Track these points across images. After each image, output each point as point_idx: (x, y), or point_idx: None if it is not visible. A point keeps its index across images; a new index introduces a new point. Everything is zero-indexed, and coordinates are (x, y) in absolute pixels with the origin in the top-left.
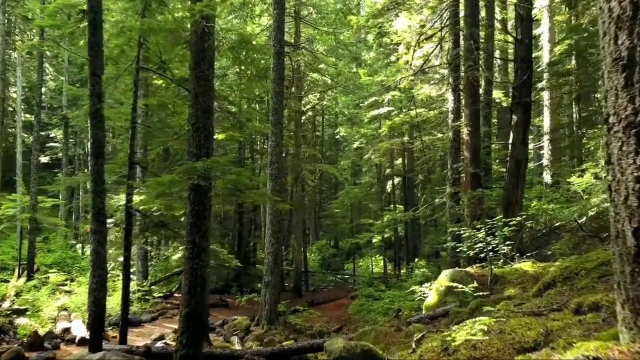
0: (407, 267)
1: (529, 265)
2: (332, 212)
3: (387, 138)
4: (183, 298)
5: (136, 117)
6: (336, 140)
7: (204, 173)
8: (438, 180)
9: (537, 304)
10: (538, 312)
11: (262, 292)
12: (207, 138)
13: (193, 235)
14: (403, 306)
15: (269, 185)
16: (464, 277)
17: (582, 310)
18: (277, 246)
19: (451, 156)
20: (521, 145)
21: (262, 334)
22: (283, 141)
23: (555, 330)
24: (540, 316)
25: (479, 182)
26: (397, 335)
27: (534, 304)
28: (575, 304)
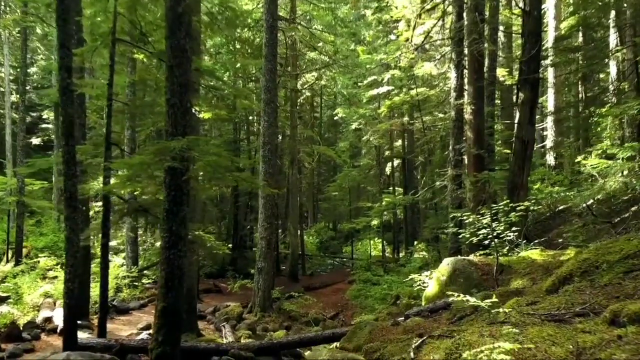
0: (406, 250)
1: (537, 253)
2: (329, 195)
3: (387, 119)
4: (159, 291)
5: (112, 94)
6: (335, 122)
7: (180, 154)
8: (439, 162)
9: (555, 304)
10: (559, 318)
11: (255, 279)
12: (183, 115)
13: (169, 222)
14: (401, 292)
15: (262, 167)
16: (466, 266)
17: (619, 320)
18: (271, 231)
19: (453, 137)
20: (528, 125)
21: (255, 322)
22: (278, 122)
23: (589, 349)
24: (564, 323)
25: (482, 164)
26: (394, 332)
27: (551, 303)
28: (610, 313)
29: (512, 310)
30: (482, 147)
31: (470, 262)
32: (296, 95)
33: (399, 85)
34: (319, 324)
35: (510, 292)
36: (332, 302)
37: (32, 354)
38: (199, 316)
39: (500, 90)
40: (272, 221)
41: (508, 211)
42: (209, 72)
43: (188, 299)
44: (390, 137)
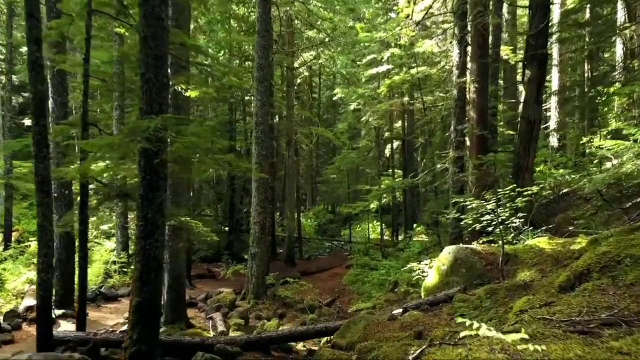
0: (406, 234)
1: (544, 241)
2: (327, 177)
3: (386, 99)
4: (133, 285)
5: (88, 70)
6: (334, 103)
7: (154, 134)
8: (439, 144)
9: (575, 307)
10: (584, 328)
11: (249, 264)
12: (160, 91)
13: (145, 209)
14: (400, 279)
15: (255, 149)
16: (469, 255)
17: None
18: (264, 215)
19: (455, 117)
20: (534, 104)
21: (249, 309)
22: (274, 102)
23: None
24: (591, 336)
25: (485, 146)
26: (390, 327)
27: (570, 306)
28: None
29: (524, 312)
30: (485, 128)
31: (473, 251)
32: (292, 74)
33: (398, 64)
34: (315, 311)
35: (517, 286)
36: (329, 287)
37: (11, 345)
38: (190, 304)
39: (504, 69)
40: (266, 205)
41: (514, 196)
42: (195, 47)
43: (176, 287)
44: (390, 118)
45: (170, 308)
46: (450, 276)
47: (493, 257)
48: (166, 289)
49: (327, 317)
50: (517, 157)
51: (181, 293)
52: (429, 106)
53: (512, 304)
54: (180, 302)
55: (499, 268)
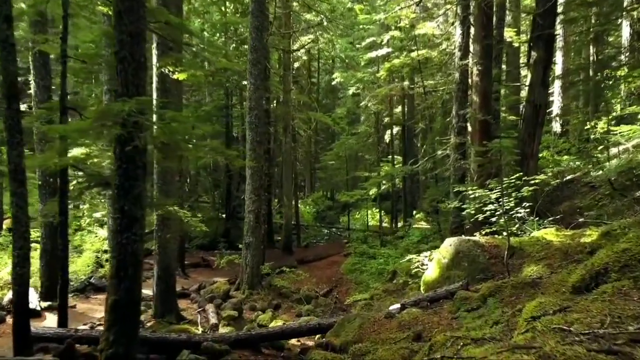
0: (405, 221)
1: (552, 233)
2: (325, 164)
3: (386, 83)
4: (109, 282)
5: (66, 50)
6: (333, 88)
7: (128, 118)
8: (440, 130)
9: (595, 314)
10: (612, 347)
11: (243, 254)
12: (136, 71)
13: (121, 201)
14: (399, 268)
15: (249, 135)
16: (471, 248)
17: None
18: (259, 204)
19: (457, 101)
20: (540, 87)
21: (243, 300)
22: (270, 86)
23: None
24: (621, 357)
25: (489, 131)
26: (387, 327)
27: (589, 313)
28: None
29: (536, 319)
30: (489, 113)
31: (476, 243)
32: (289, 57)
33: (398, 47)
34: (311, 301)
35: (525, 284)
36: (326, 276)
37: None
38: (182, 294)
39: (506, 53)
40: (260, 193)
41: (520, 185)
42: (181, 26)
43: (165, 278)
44: (390, 103)
45: (159, 300)
46: (451, 270)
47: (497, 250)
48: (155, 280)
49: (324, 308)
50: (522, 143)
51: (171, 284)
52: (429, 90)
53: (519, 304)
54: (170, 293)
55: (503, 262)
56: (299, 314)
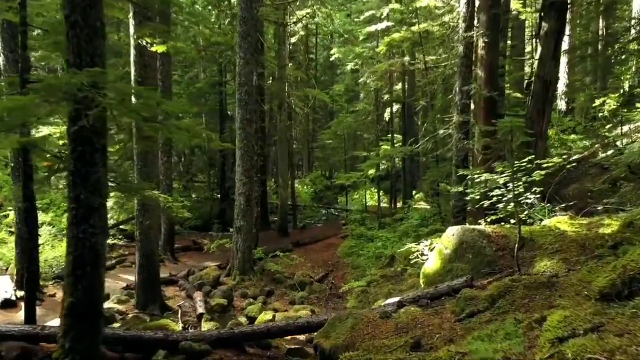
0: (404, 202)
1: (565, 221)
2: (323, 143)
3: (386, 59)
4: (66, 281)
5: (25, 18)
6: (332, 64)
7: (80, 93)
8: (441, 108)
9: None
10: None
11: (234, 239)
12: (90, 39)
13: (76, 189)
14: (397, 252)
15: (239, 113)
16: (477, 238)
17: None
18: (250, 186)
19: (460, 76)
20: (551, 61)
21: (234, 287)
22: (264, 62)
23: None
24: None
25: (494, 109)
26: (383, 328)
27: (634, 337)
28: None
29: (564, 342)
30: (494, 89)
31: (482, 233)
32: (284, 31)
33: (398, 20)
34: (305, 287)
35: (539, 283)
36: (323, 260)
37: None
38: (169, 281)
39: (511, 27)
40: (252, 175)
41: (532, 169)
42: None
43: (148, 266)
44: (390, 80)
45: (142, 289)
46: (454, 262)
47: (505, 241)
48: (137, 268)
49: (318, 295)
50: (529, 121)
51: (154, 273)
52: (430, 66)
53: (535, 310)
54: (153, 282)
55: (512, 254)
56: (292, 301)
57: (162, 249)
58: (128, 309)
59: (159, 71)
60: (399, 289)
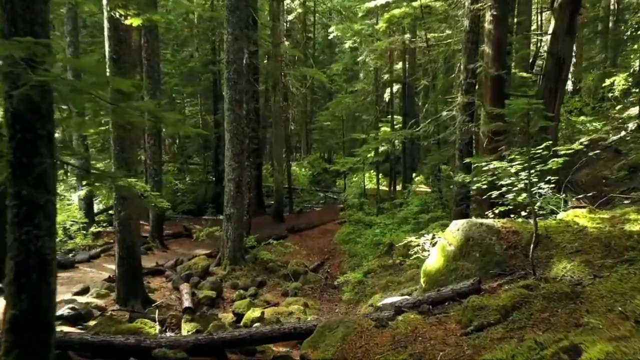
0: (404, 186)
1: (584, 215)
2: (320, 124)
3: (386, 36)
4: (7, 292)
5: None
6: (331, 43)
7: (13, 68)
8: (443, 87)
9: None
10: None
11: (224, 227)
12: (28, 5)
13: (17, 183)
14: (396, 240)
15: (227, 93)
16: (485, 234)
17: None
18: (240, 171)
19: (466, 53)
20: (566, 37)
21: (224, 277)
22: (258, 39)
23: None
24: None
25: (502, 89)
26: (378, 341)
27: None
28: None
29: None
30: (503, 67)
31: (490, 229)
32: (279, 6)
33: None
34: (299, 278)
35: (560, 294)
36: (318, 247)
37: None
38: (156, 271)
39: (518, 2)
40: (242, 159)
41: (548, 156)
42: None
43: (129, 258)
44: (390, 58)
45: (122, 283)
46: (459, 260)
47: (516, 238)
48: (117, 261)
49: (313, 285)
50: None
51: (135, 265)
52: (433, 44)
53: (559, 331)
54: (135, 275)
55: (525, 254)
56: (285, 293)
57: (151, 237)
58: (108, 304)
59: (144, 49)
60: (398, 281)
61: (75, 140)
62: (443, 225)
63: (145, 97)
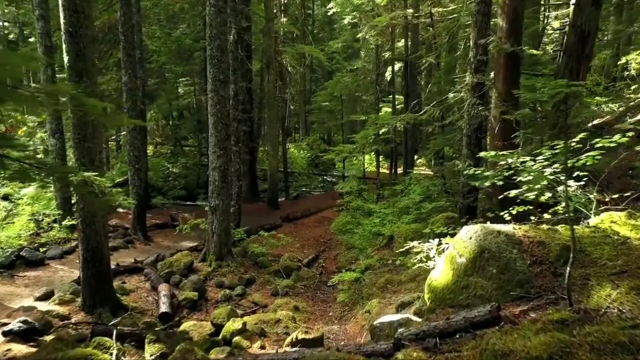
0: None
1: (623, 221)
2: (318, 105)
3: (387, 11)
4: None
5: None
6: (330, 20)
7: None
8: (448, 66)
9: None
10: None
11: (209, 219)
12: None
13: None
14: (396, 232)
15: (210, 73)
16: (503, 245)
17: None
18: (225, 159)
19: (476, 27)
20: (591, 7)
21: (209, 274)
22: (250, 14)
23: None
24: None
25: (517, 68)
26: None
27: None
28: None
29: None
30: (518, 42)
31: (510, 239)
32: None
33: None
34: (291, 274)
35: (615, 345)
36: (314, 237)
37: None
38: (134, 269)
39: None
40: (227, 145)
41: (584, 150)
42: None
43: (95, 260)
44: (392, 35)
45: (88, 289)
46: (471, 276)
47: (542, 251)
48: (81, 264)
49: (306, 283)
50: None
51: (103, 268)
52: (437, 19)
53: None
54: (103, 279)
55: (554, 271)
56: (275, 292)
57: (132, 228)
58: (72, 311)
59: (120, 23)
60: (398, 280)
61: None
62: (448, 220)
63: (124, 77)
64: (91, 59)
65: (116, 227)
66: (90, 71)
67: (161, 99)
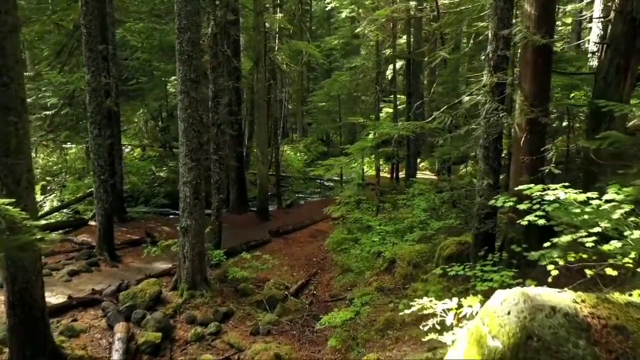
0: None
1: None
2: (314, 105)
3: (388, 4)
4: None
5: None
6: (329, 15)
7: None
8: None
9: None
10: None
11: (180, 243)
12: None
13: None
14: (398, 255)
15: (180, 70)
16: (562, 331)
17: None
18: (198, 172)
19: (496, 15)
20: None
21: (179, 307)
22: (237, 7)
23: None
24: None
25: (548, 65)
26: None
27: None
28: None
29: None
30: (551, 34)
31: (570, 320)
32: None
33: None
34: (276, 306)
35: None
36: (306, 256)
37: None
38: (90, 301)
39: None
40: (200, 156)
41: None
42: None
43: (25, 304)
44: (393, 30)
45: (15, 339)
46: None
47: (622, 343)
48: (7, 309)
49: (293, 317)
50: (603, 83)
51: (35, 313)
52: (444, 12)
53: None
54: (34, 326)
55: None
56: (256, 330)
57: (97, 247)
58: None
59: (82, 13)
60: (401, 320)
61: None
62: (461, 247)
63: (87, 76)
64: (14, 53)
65: (82, 244)
66: (12, 68)
67: (148, 98)
